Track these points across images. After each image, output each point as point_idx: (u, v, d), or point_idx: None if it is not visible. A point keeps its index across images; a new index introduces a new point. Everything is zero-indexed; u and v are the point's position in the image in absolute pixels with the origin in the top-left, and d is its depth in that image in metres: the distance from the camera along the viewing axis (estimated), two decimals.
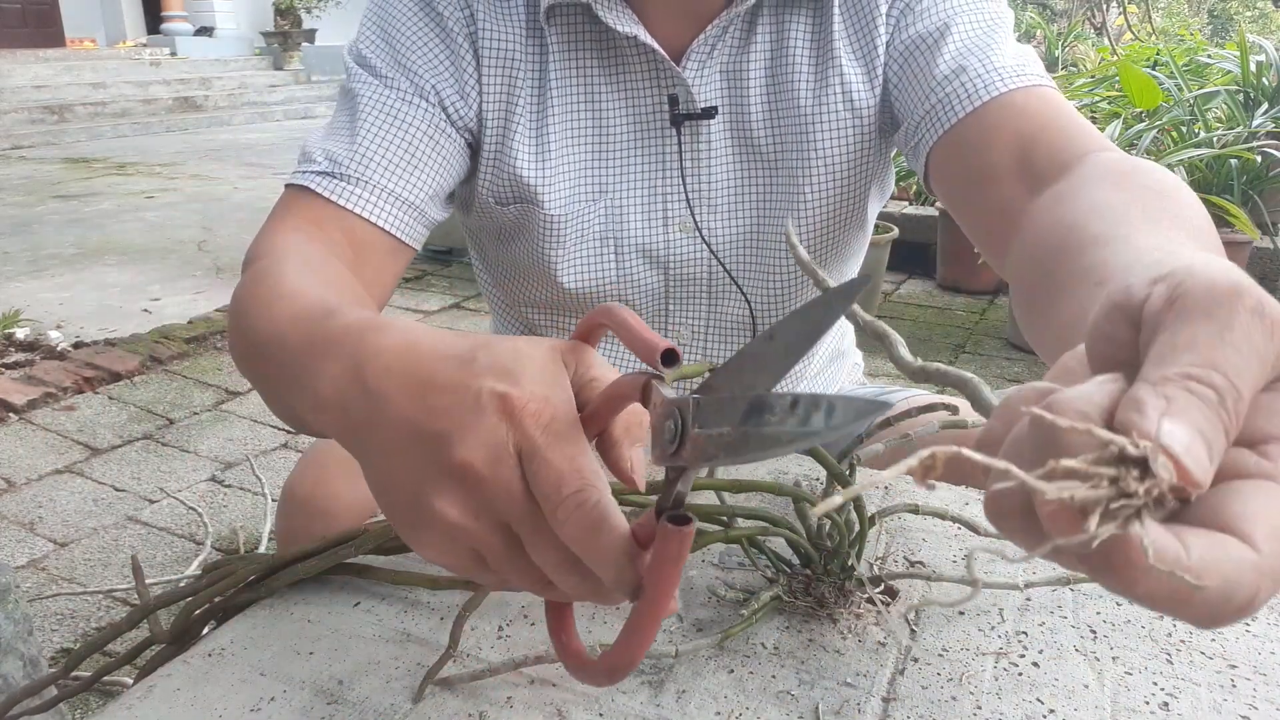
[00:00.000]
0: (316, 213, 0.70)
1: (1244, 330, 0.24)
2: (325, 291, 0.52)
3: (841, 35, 0.76)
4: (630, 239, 0.81)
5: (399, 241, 0.73)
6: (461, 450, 0.33)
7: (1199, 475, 0.22)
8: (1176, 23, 9.68)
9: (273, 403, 0.53)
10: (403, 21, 0.76)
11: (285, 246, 0.63)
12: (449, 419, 0.34)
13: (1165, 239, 0.44)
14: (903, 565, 0.57)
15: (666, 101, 0.77)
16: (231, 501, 2.03)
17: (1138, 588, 0.22)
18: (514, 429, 0.33)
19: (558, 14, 0.76)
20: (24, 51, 9.10)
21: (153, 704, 0.46)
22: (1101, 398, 0.24)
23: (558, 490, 0.32)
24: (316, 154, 0.72)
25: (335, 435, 0.40)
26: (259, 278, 0.57)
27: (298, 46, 11.04)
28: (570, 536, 0.32)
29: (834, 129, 0.77)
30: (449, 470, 0.33)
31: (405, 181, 0.73)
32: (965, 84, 0.69)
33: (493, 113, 0.77)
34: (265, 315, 0.51)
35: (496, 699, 0.46)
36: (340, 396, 0.38)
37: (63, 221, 4.66)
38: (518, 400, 0.33)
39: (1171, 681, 0.46)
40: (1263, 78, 3.18)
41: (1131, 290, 0.27)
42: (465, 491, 0.34)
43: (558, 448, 0.33)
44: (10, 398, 2.44)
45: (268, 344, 0.49)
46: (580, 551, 0.33)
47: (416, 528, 0.35)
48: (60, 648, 1.53)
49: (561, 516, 0.32)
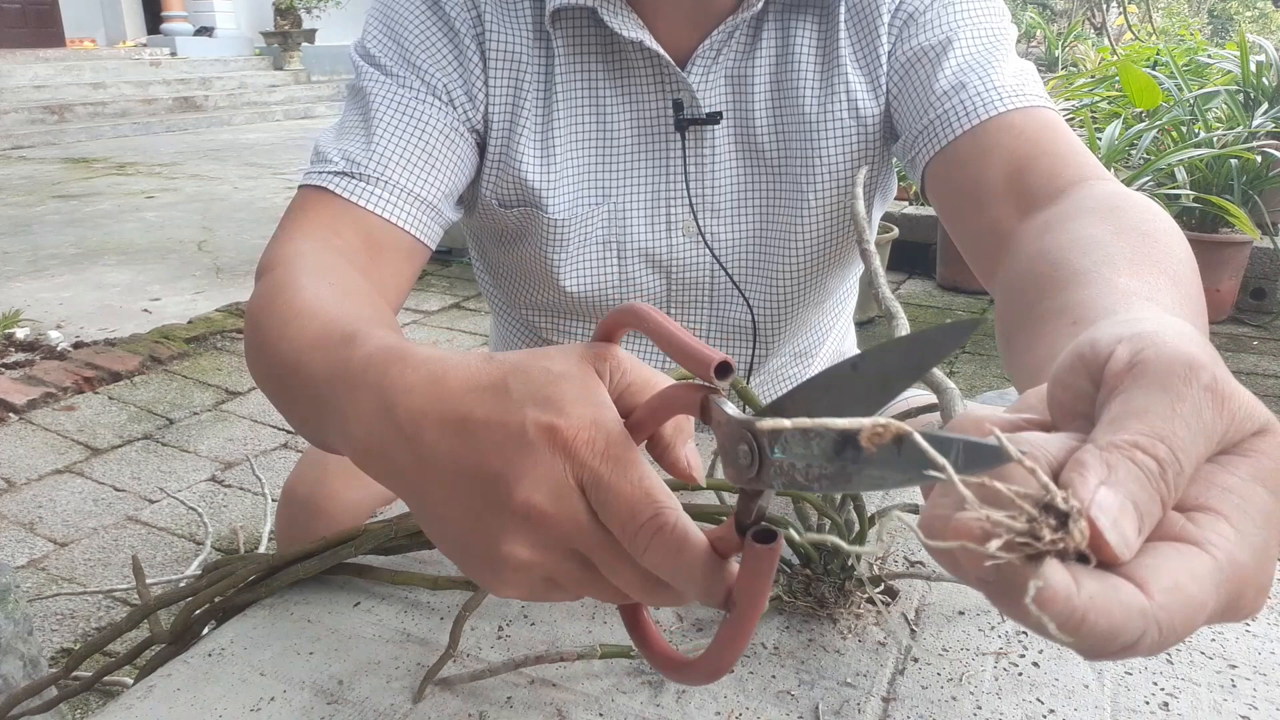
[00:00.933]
0: (333, 214, 0.69)
1: (1194, 404, 0.25)
2: (343, 308, 0.52)
3: (846, 43, 0.76)
4: (633, 243, 0.81)
5: (417, 241, 0.72)
6: (521, 491, 0.32)
7: (1119, 548, 0.24)
8: (1176, 23, 9.67)
9: (298, 426, 0.52)
10: (410, 21, 0.75)
11: (300, 255, 0.62)
12: (500, 458, 0.33)
13: (1145, 284, 0.45)
14: (903, 565, 0.57)
15: (671, 106, 0.77)
16: (231, 501, 2.03)
17: (1025, 619, 0.23)
18: (570, 461, 0.32)
19: (563, 18, 0.76)
20: (24, 51, 9.10)
21: (153, 704, 0.46)
22: (1057, 450, 0.26)
23: (633, 519, 0.31)
24: (332, 154, 0.71)
25: (380, 479, 0.39)
26: (274, 291, 0.56)
27: (298, 46, 11.04)
28: (654, 563, 0.32)
29: (838, 136, 0.77)
30: (512, 511, 0.33)
31: (423, 181, 0.72)
32: (964, 101, 0.69)
33: (498, 115, 0.77)
34: (283, 336, 0.50)
35: (496, 699, 0.46)
36: (377, 441, 0.37)
37: (63, 221, 4.66)
38: (567, 431, 0.32)
39: (1171, 681, 0.46)
40: (1263, 78, 3.18)
41: (1097, 345, 0.28)
42: (533, 530, 0.33)
43: (621, 474, 0.32)
44: (10, 398, 2.44)
45: (287, 373, 0.48)
46: (665, 575, 0.32)
47: (491, 572, 0.35)
48: (60, 648, 1.53)
49: (641, 543, 0.31)
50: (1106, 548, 0.23)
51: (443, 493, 0.35)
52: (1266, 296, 3.37)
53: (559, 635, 0.51)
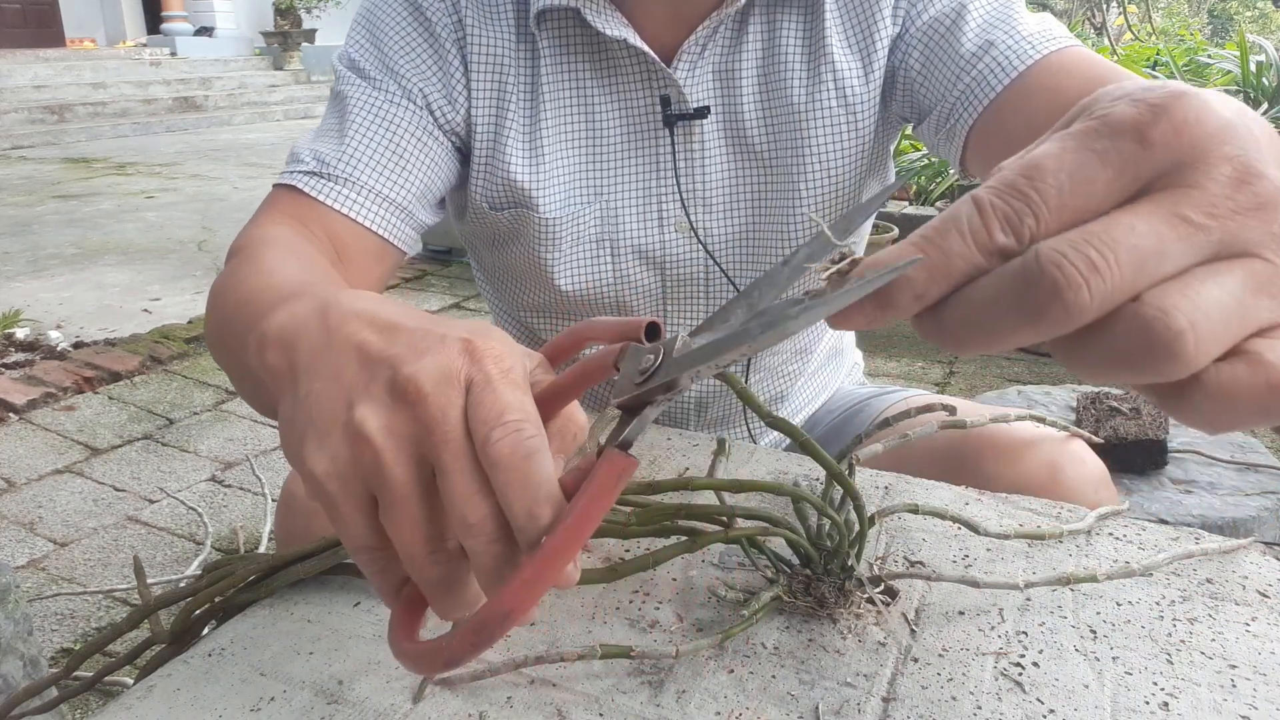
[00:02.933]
0: (302, 211, 0.70)
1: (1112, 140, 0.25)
2: (306, 275, 0.52)
3: (835, 30, 0.76)
4: (626, 240, 0.81)
5: (385, 242, 0.74)
6: (407, 368, 0.32)
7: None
8: (1176, 23, 9.67)
9: (234, 376, 0.51)
10: (391, 27, 0.77)
11: (269, 239, 0.64)
12: (407, 347, 0.32)
13: None
14: (903, 565, 0.57)
15: (659, 103, 0.77)
16: (231, 501, 2.03)
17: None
18: (470, 364, 0.32)
19: (548, 19, 0.76)
20: (24, 51, 9.10)
21: (153, 704, 0.46)
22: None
23: (499, 416, 0.30)
24: (305, 154, 0.73)
25: (273, 376, 0.37)
26: (239, 266, 0.57)
27: (298, 46, 11.04)
28: (497, 456, 0.30)
29: (828, 125, 0.77)
30: (389, 385, 0.32)
31: (392, 182, 0.73)
32: (998, 57, 0.69)
33: (483, 118, 0.77)
34: (239, 286, 0.50)
35: (496, 699, 0.46)
36: (293, 328, 0.36)
37: (63, 221, 4.66)
38: (480, 344, 0.32)
39: (1171, 681, 0.46)
40: (1263, 78, 3.18)
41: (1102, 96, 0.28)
42: (397, 408, 0.31)
43: (510, 387, 0.31)
44: (10, 398, 2.44)
45: (235, 312, 0.48)
46: (503, 476, 0.30)
47: (315, 438, 0.32)
48: (60, 648, 1.53)
49: (496, 435, 0.30)
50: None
51: (328, 370, 0.33)
52: None
53: (559, 635, 0.51)
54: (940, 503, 0.62)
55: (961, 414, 0.67)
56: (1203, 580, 0.55)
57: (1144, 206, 0.25)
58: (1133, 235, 0.24)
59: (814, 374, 0.98)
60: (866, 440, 0.62)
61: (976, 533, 0.57)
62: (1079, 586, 0.54)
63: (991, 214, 0.25)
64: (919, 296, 0.26)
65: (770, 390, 0.94)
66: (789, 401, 0.97)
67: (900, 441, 0.61)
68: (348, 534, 0.33)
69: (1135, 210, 0.25)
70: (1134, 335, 0.24)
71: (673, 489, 0.55)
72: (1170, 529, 0.60)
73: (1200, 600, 0.53)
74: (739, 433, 0.95)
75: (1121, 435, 1.55)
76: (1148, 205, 0.25)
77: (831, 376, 1.02)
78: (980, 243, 0.25)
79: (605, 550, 0.59)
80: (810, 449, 0.49)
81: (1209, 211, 0.24)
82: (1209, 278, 0.24)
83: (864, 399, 0.97)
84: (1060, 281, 0.23)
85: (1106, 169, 0.25)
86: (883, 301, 0.26)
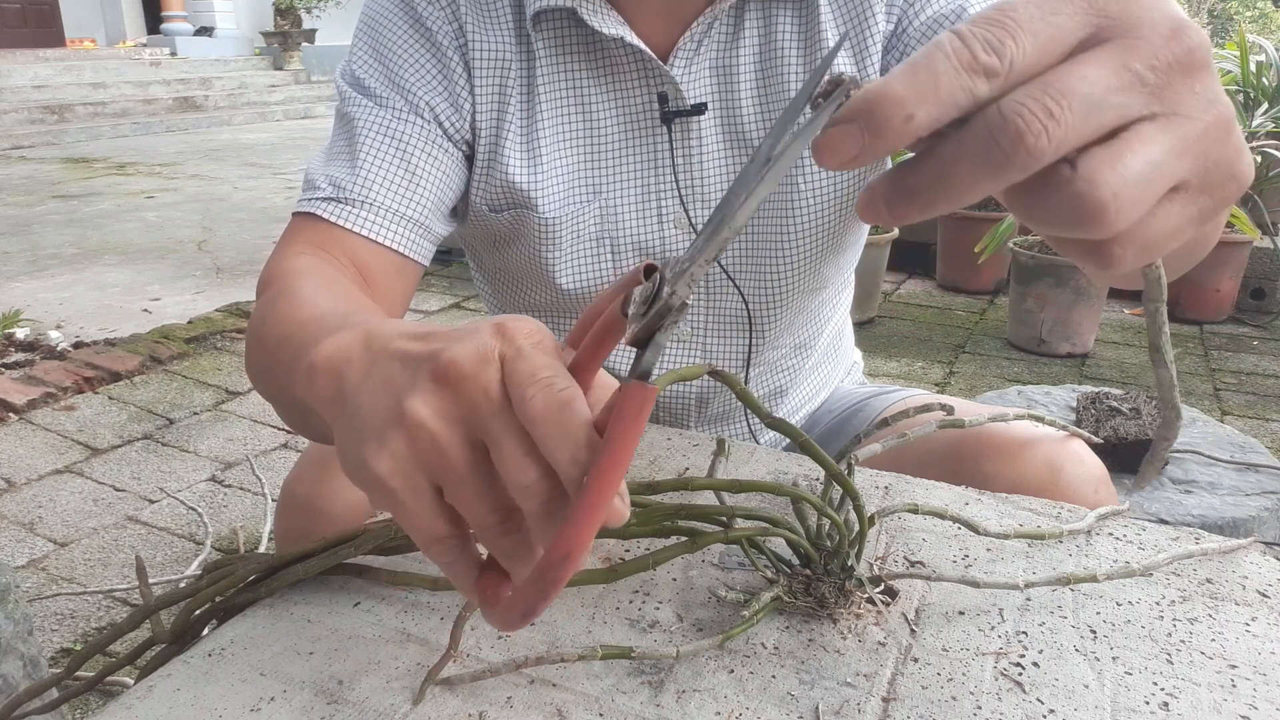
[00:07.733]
0: (323, 238, 0.72)
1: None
2: (342, 305, 0.53)
3: (830, 24, 0.76)
4: (626, 237, 0.82)
5: (406, 259, 0.75)
6: (447, 354, 0.34)
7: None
8: None
9: (282, 408, 0.52)
10: (393, 39, 0.77)
11: (298, 270, 0.65)
12: (443, 340, 0.35)
13: None
14: (903, 565, 0.57)
15: (656, 100, 0.78)
16: (231, 501, 2.03)
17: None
18: (504, 341, 0.34)
19: (544, 20, 0.77)
20: (24, 51, 9.09)
21: (153, 704, 0.46)
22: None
23: (532, 376, 0.33)
24: (320, 180, 0.74)
25: (324, 404, 0.39)
26: (274, 300, 0.58)
27: (298, 46, 11.04)
28: (534, 412, 0.32)
29: None
30: (432, 373, 0.34)
31: (407, 199, 0.74)
32: None
33: (485, 121, 0.78)
34: (280, 322, 0.51)
35: (496, 699, 0.46)
36: (341, 354, 0.39)
37: (63, 221, 4.66)
38: (511, 324, 0.35)
39: (1171, 681, 0.46)
40: (1263, 78, 3.18)
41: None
42: (443, 393, 0.34)
43: (540, 353, 0.34)
44: (10, 398, 2.44)
45: (280, 345, 0.49)
46: (541, 430, 0.32)
47: (376, 440, 0.34)
48: (60, 648, 1.53)
49: (530, 394, 0.32)
50: None
51: (376, 383, 0.36)
52: (1266, 296, 3.37)
53: (559, 635, 0.51)
54: (940, 503, 0.62)
55: (960, 414, 0.67)
56: (1203, 580, 0.55)
57: (1094, 55, 0.27)
58: (1084, 84, 0.26)
59: (814, 369, 0.98)
60: (866, 440, 0.62)
61: (976, 533, 0.57)
62: (1079, 586, 0.54)
63: (973, 38, 0.27)
64: (909, 117, 0.27)
65: (770, 385, 0.94)
66: (789, 397, 0.97)
67: (899, 441, 0.61)
68: (417, 527, 0.35)
69: (1086, 60, 0.27)
70: (1066, 202, 0.27)
71: (672, 489, 0.55)
72: (1170, 529, 0.60)
73: (1200, 600, 0.53)
74: (740, 429, 0.95)
75: (1121, 435, 1.55)
76: (1098, 54, 0.27)
77: (831, 373, 1.02)
78: (964, 61, 0.27)
79: (605, 550, 0.59)
80: (809, 449, 0.49)
81: (1150, 64, 0.27)
82: (1139, 146, 0.27)
83: (863, 399, 0.97)
84: (1022, 128, 0.26)
85: (1067, 4, 0.28)
86: (874, 126, 0.27)
